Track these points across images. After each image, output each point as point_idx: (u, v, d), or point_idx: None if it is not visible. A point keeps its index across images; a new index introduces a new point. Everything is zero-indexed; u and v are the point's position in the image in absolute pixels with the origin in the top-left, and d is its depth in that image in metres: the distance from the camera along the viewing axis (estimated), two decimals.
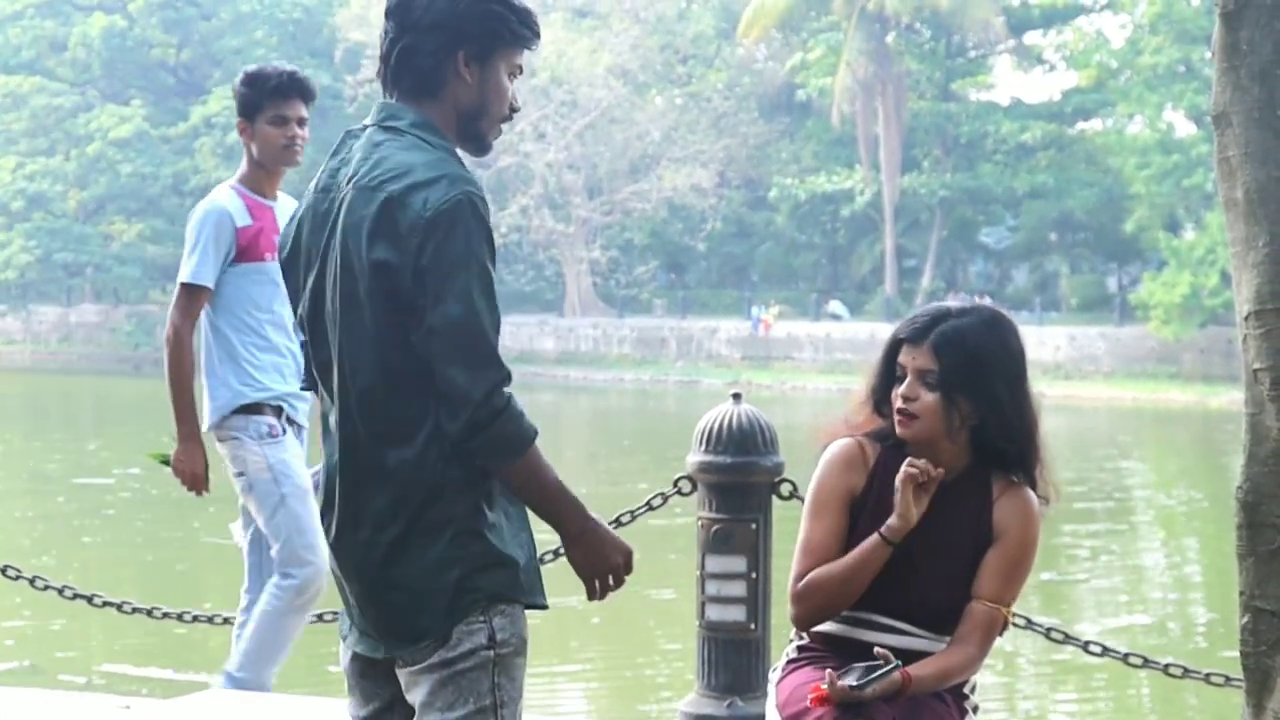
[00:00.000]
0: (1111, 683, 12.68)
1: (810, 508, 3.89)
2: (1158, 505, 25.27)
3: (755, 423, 6.07)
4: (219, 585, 16.60)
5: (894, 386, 3.81)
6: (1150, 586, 17.86)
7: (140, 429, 34.58)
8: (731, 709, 5.99)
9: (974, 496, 3.83)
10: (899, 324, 3.87)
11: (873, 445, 3.88)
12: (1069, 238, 58.28)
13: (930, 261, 56.78)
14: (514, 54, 3.25)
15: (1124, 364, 48.24)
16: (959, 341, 3.74)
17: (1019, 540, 3.81)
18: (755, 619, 6.06)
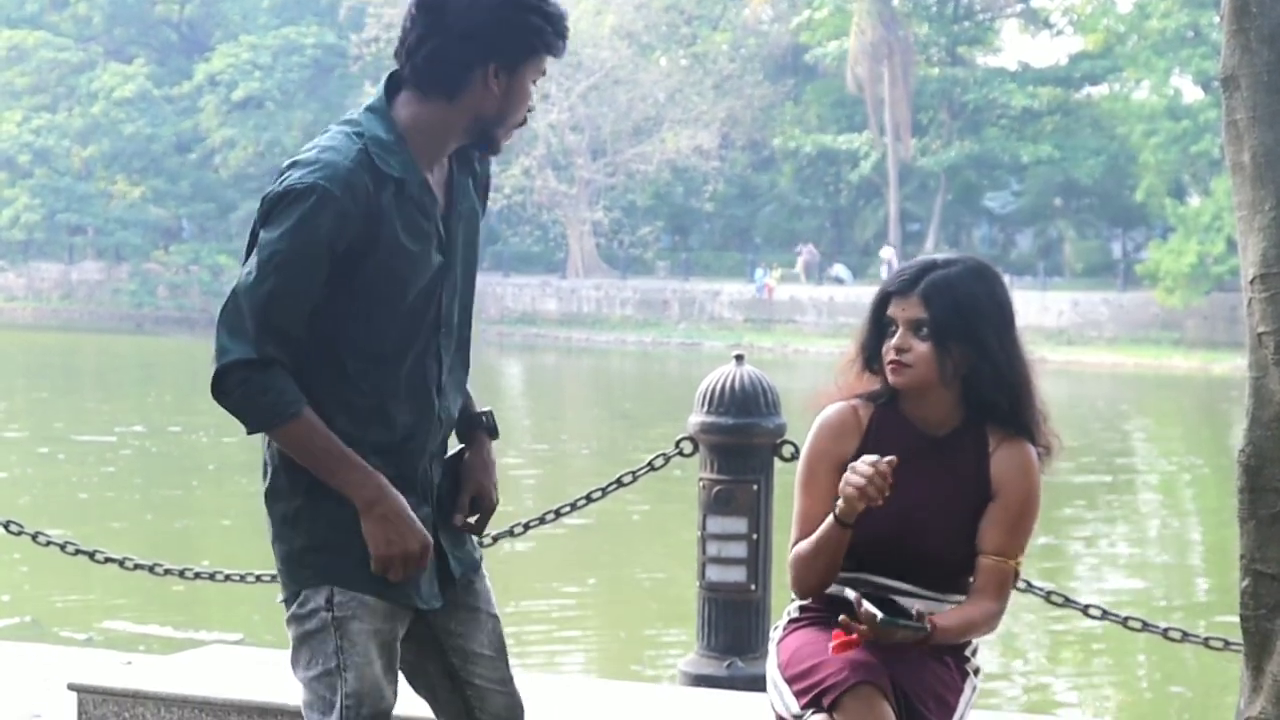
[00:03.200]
0: (1110, 647, 12.71)
1: (801, 476, 3.90)
2: (1158, 470, 25.29)
3: (758, 384, 6.07)
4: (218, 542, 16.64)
5: (885, 341, 3.80)
6: (1150, 551, 17.88)
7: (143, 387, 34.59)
8: (731, 669, 6.00)
9: (970, 451, 3.83)
10: (885, 279, 3.88)
11: (865, 406, 3.88)
12: (1074, 203, 58.17)
13: (934, 226, 56.69)
14: (542, 62, 3.28)
15: (1127, 330, 48.20)
16: (948, 290, 3.76)
17: (1020, 493, 3.80)
18: (755, 580, 6.07)
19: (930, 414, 3.82)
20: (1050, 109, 55.94)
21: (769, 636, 6.26)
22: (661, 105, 59.10)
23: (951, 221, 59.60)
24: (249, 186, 61.90)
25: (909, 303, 3.77)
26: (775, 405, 6.09)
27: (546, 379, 42.63)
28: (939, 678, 3.76)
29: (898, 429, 3.84)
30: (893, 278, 3.83)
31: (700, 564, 6.08)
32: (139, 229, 60.61)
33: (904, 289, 3.79)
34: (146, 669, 4.72)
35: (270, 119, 60.65)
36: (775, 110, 60.36)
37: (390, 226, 3.19)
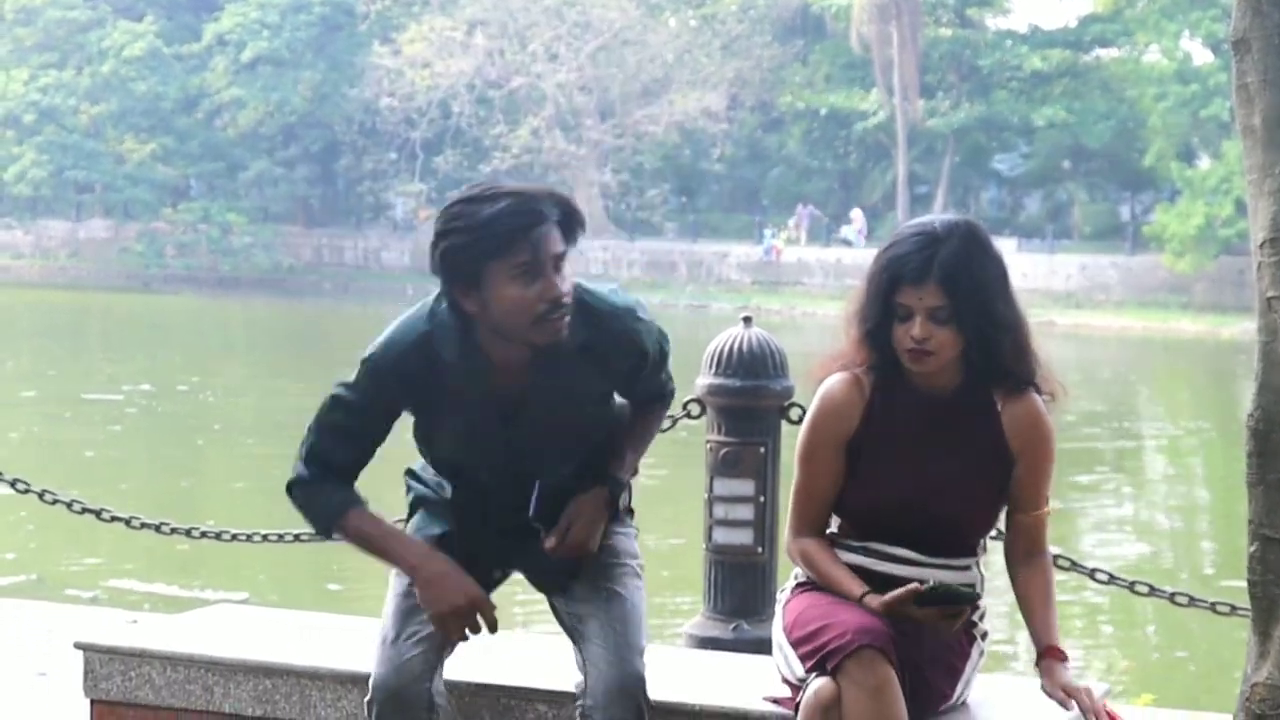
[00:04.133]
0: (1116, 611, 12.72)
1: (801, 451, 3.89)
2: (1166, 435, 25.28)
3: (765, 346, 6.05)
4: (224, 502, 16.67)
5: (894, 324, 3.75)
6: (1157, 516, 17.89)
7: (150, 346, 34.61)
8: (737, 632, 6.00)
9: (977, 412, 3.81)
10: (885, 257, 3.76)
11: (867, 375, 3.85)
12: (1083, 166, 58.01)
13: (942, 188, 56.57)
14: (510, 260, 3.54)
15: (1135, 293, 48.13)
16: (963, 271, 3.71)
17: (1037, 445, 3.81)
18: (762, 542, 6.06)
19: (937, 379, 3.81)
20: (1060, 72, 55.75)
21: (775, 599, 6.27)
22: (670, 66, 58.94)
23: (960, 184, 59.46)
24: (258, 146, 61.84)
25: (926, 291, 3.71)
26: (783, 367, 6.08)
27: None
28: (945, 643, 3.77)
29: (902, 397, 3.82)
30: (895, 260, 3.74)
31: (707, 526, 6.08)
32: (147, 187, 60.55)
33: (918, 277, 3.72)
34: (152, 628, 4.73)
35: (278, 78, 60.54)
36: (784, 71, 60.19)
37: (440, 395, 3.70)
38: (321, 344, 37.63)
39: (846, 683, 3.59)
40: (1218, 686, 10.55)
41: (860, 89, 58.30)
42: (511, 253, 3.55)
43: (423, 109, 59.80)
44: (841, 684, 3.59)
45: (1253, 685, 3.53)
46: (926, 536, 3.80)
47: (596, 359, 3.76)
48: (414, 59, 59.00)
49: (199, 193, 63.19)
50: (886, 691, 3.58)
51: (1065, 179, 58.32)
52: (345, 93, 61.37)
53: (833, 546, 3.89)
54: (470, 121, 59.84)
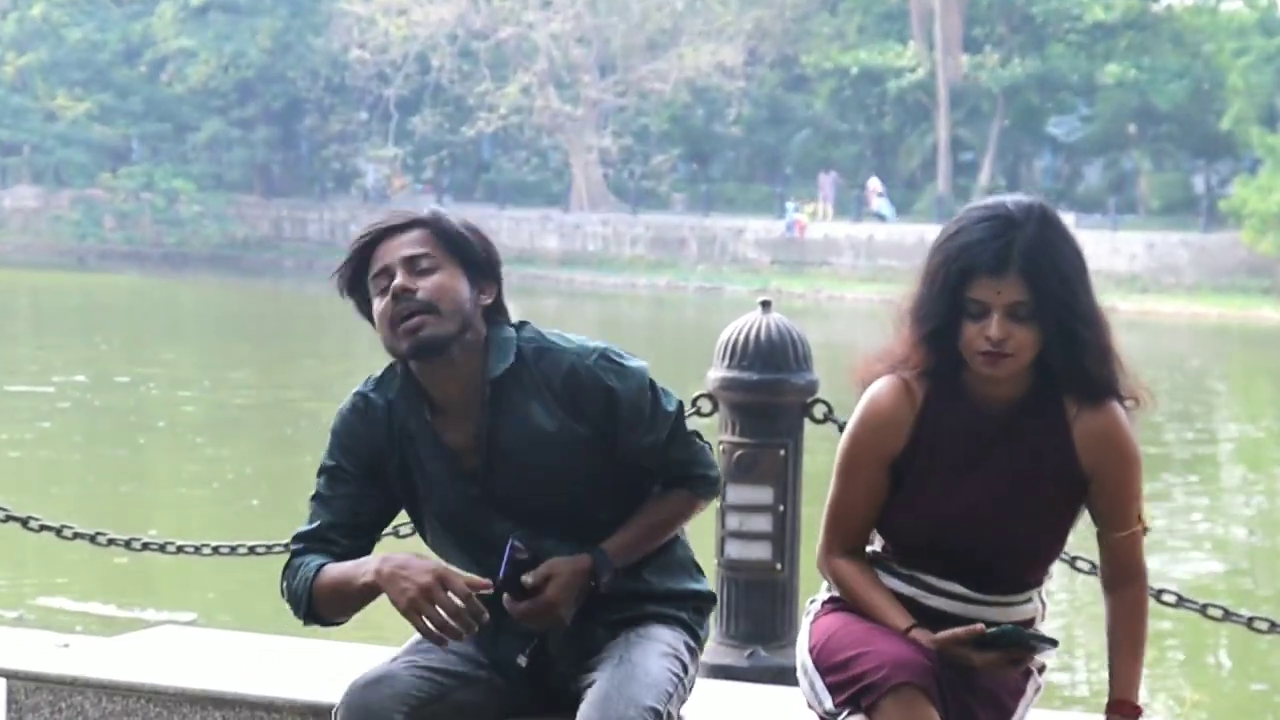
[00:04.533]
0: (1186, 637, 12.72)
1: (842, 462, 3.86)
2: (1244, 437, 25.28)
3: (786, 335, 6.05)
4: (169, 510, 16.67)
5: (963, 322, 3.69)
6: (1234, 529, 17.89)
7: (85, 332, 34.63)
8: (753, 659, 6.01)
9: (1046, 425, 3.77)
10: (953, 246, 3.71)
11: (919, 382, 3.81)
12: (1150, 130, 57.99)
13: (990, 155, 56.55)
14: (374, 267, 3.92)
15: (1209, 276, 48.11)
16: (1045, 260, 3.66)
17: (1119, 465, 3.78)
18: (782, 558, 6.06)
19: (999, 387, 3.77)
20: (1126, 23, 55.71)
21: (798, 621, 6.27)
22: (680, 15, 58.92)
23: (1009, 150, 59.42)
24: (209, 103, 61.83)
25: (1005, 284, 3.66)
26: (806, 359, 6.08)
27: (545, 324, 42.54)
28: (1000, 680, 3.75)
29: (958, 407, 3.80)
30: (967, 249, 3.69)
31: (719, 539, 6.08)
32: (82, 149, 60.55)
33: (996, 267, 3.66)
34: (86, 652, 4.73)
35: (233, 26, 60.54)
36: (809, 22, 60.16)
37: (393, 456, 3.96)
38: (282, 330, 37.64)
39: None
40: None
41: (896, 42, 58.23)
42: (371, 266, 3.93)
43: (397, 62, 59.78)
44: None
45: None
46: (981, 569, 3.78)
47: (560, 400, 3.89)
48: (388, 5, 59.01)
49: (141, 156, 63.25)
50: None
51: (1130, 145, 58.29)
52: (309, 43, 61.38)
53: (874, 568, 3.88)
54: (452, 77, 59.81)
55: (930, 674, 3.59)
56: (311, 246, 60.42)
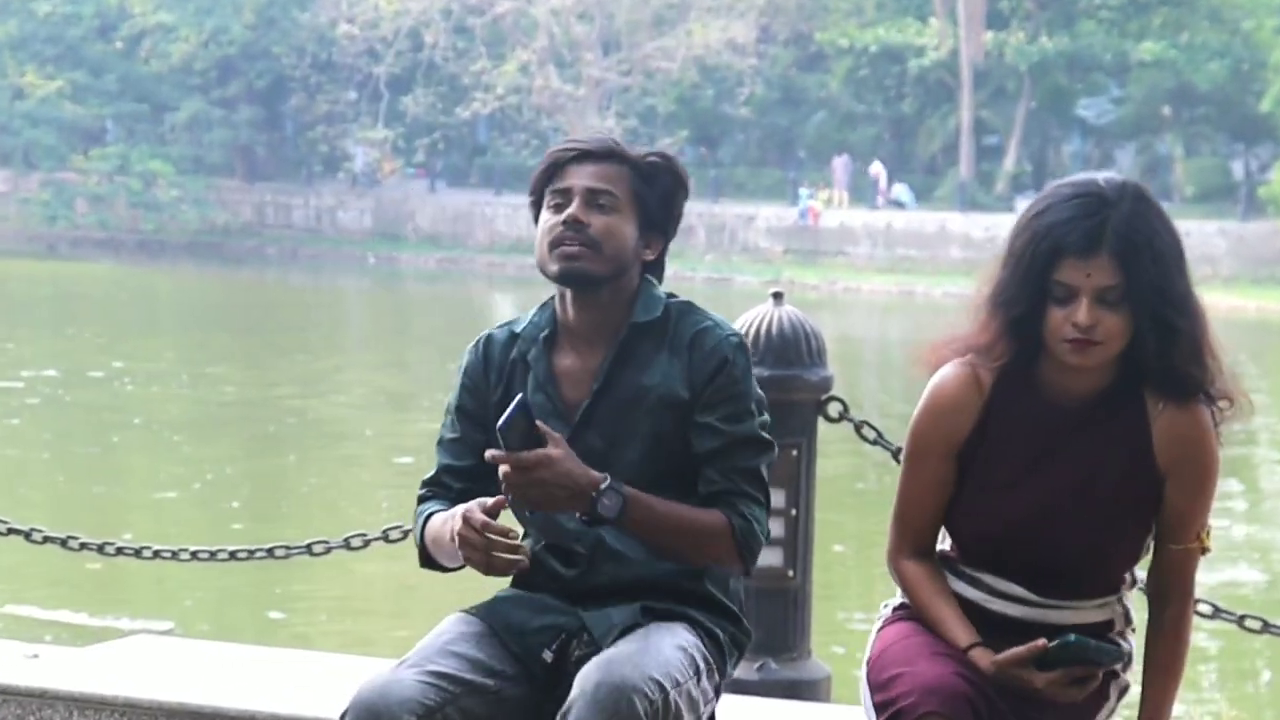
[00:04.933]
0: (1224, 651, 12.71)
1: (908, 451, 3.87)
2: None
3: (799, 328, 6.05)
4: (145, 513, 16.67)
5: (1049, 307, 3.65)
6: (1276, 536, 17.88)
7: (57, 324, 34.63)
8: (764, 672, 6.00)
9: (1125, 422, 3.75)
10: (1041, 224, 3.67)
11: (988, 369, 3.78)
12: (1186, 113, 57.99)
13: (1015, 139, 56.53)
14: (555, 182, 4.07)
15: (1249, 267, 48.10)
16: (1140, 240, 3.63)
17: (1197, 469, 3.74)
18: (794, 564, 6.06)
19: (1076, 379, 3.74)
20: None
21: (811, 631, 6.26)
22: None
23: (1036, 133, 59.40)
24: (189, 82, 61.83)
25: (1096, 266, 3.62)
26: (820, 354, 6.07)
27: None
28: (1065, 705, 3.68)
29: (1029, 398, 3.77)
30: (1054, 228, 3.64)
31: None
32: (53, 129, 60.53)
33: (1087, 247, 3.63)
34: (56, 663, 4.73)
35: (215, 1, 60.52)
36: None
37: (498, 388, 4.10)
38: (266, 322, 37.64)
39: None
40: None
41: (917, 19, 58.21)
42: (554, 180, 4.08)
43: (388, 39, 59.79)
44: None
45: None
46: (1047, 570, 3.75)
47: (681, 358, 4.04)
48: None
49: (116, 137, 63.23)
50: None
51: (1165, 129, 58.28)
52: (295, 18, 61.37)
53: (943, 570, 3.87)
54: (446, 55, 59.80)
55: (964, 702, 3.55)
56: (296, 234, 60.42)
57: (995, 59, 56.32)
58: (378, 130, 61.20)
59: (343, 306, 45.42)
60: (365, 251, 58.07)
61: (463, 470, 4.06)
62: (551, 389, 4.05)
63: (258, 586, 12.80)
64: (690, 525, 3.92)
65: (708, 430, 3.96)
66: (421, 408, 24.86)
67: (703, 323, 4.04)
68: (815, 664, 6.24)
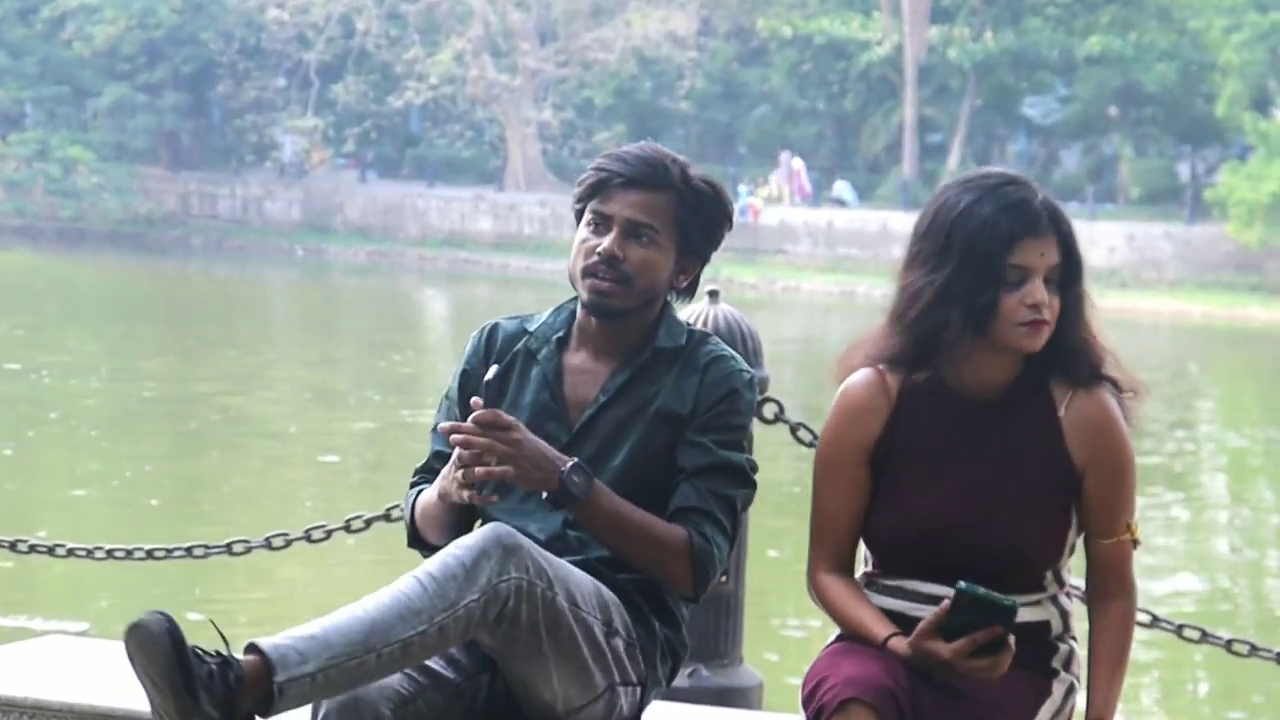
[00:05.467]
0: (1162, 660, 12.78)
1: (820, 462, 3.90)
2: (1228, 445, 25.41)
3: (735, 327, 6.04)
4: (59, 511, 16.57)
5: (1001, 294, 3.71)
6: (1215, 544, 17.98)
7: None
8: (695, 679, 6.00)
9: (1034, 413, 3.81)
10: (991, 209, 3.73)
11: (893, 373, 3.84)
12: (1133, 113, 58.26)
13: (960, 137, 56.71)
14: (594, 204, 4.12)
15: (1194, 271, 48.36)
16: (1067, 224, 3.77)
17: (1113, 455, 3.80)
18: (728, 570, 6.05)
19: (982, 375, 3.80)
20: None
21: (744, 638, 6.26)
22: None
23: (981, 132, 59.60)
24: (113, 66, 61.47)
25: (1048, 245, 3.74)
26: (757, 355, 6.07)
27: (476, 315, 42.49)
28: (997, 696, 3.70)
29: (937, 398, 3.83)
30: (1013, 210, 3.72)
31: None
32: None
33: (1040, 227, 3.73)
34: None
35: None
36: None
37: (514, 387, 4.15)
38: (188, 314, 37.47)
39: None
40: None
41: (861, 13, 58.31)
42: (597, 198, 4.13)
43: (319, 25, 59.60)
44: None
45: None
46: (970, 570, 3.74)
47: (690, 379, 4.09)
48: None
49: (36, 122, 62.80)
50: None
51: (1111, 129, 58.54)
52: (224, 3, 61.14)
53: (865, 589, 3.89)
54: (378, 42, 59.64)
55: (885, 693, 3.56)
56: (222, 224, 60.18)
57: (940, 55, 56.49)
58: (307, 119, 61.00)
59: (269, 300, 45.25)
60: (293, 243, 57.86)
61: (449, 456, 4.03)
62: (558, 391, 4.11)
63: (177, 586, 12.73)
64: (651, 531, 3.95)
65: (698, 448, 4.01)
66: (349, 405, 24.82)
67: (719, 351, 4.11)
68: (747, 671, 6.23)
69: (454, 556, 3.78)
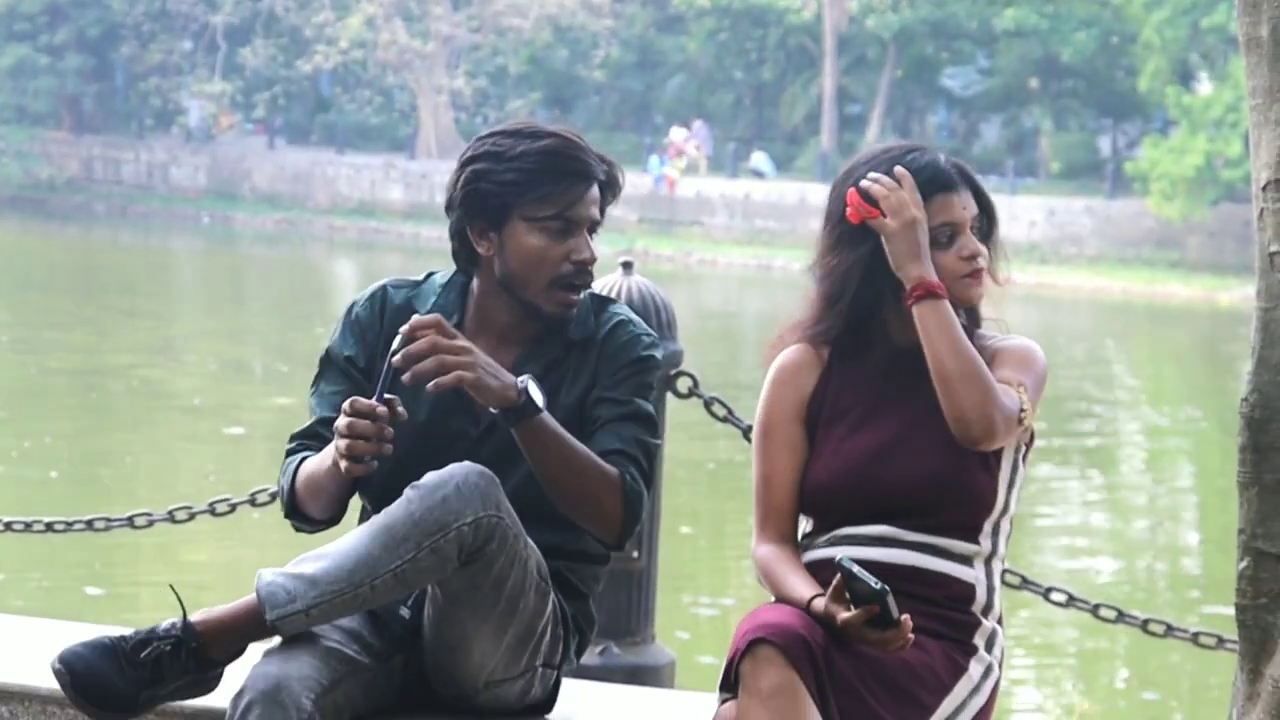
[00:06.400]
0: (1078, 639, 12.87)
1: (758, 429, 3.95)
2: (1147, 424, 25.59)
3: (649, 300, 6.05)
4: None
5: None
6: (1132, 524, 18.10)
7: None
8: (605, 657, 6.01)
9: None
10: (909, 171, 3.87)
11: (825, 345, 3.95)
12: (1054, 85, 58.48)
13: (879, 109, 56.81)
14: (547, 205, 3.97)
15: (1114, 247, 48.60)
16: (976, 176, 3.98)
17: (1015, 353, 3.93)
18: (639, 546, 6.07)
19: (913, 326, 3.85)
20: None
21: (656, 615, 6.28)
22: None
23: (900, 103, 59.73)
24: (15, 28, 61.01)
25: (966, 199, 3.92)
26: (671, 327, 6.08)
27: None
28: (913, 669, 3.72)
29: (866, 354, 3.92)
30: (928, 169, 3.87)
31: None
32: None
33: (955, 182, 3.90)
34: None
35: None
36: None
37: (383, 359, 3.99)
38: (91, 283, 37.21)
39: (742, 693, 3.58)
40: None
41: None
42: (551, 199, 3.99)
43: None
44: (739, 697, 3.59)
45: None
46: (903, 506, 3.82)
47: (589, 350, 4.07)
48: None
49: None
50: (784, 699, 3.54)
51: (1032, 102, 58.75)
52: None
53: (801, 551, 3.91)
54: (287, 5, 59.31)
55: (795, 637, 3.57)
56: (126, 190, 59.76)
57: (860, 25, 56.55)
58: (214, 83, 60.61)
59: (175, 268, 45.00)
60: (199, 210, 57.52)
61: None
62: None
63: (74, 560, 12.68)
64: (591, 459, 3.93)
65: (610, 401, 4.01)
66: (257, 377, 24.71)
67: (620, 315, 4.09)
68: (659, 649, 6.25)
69: (441, 479, 3.76)
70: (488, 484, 3.78)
